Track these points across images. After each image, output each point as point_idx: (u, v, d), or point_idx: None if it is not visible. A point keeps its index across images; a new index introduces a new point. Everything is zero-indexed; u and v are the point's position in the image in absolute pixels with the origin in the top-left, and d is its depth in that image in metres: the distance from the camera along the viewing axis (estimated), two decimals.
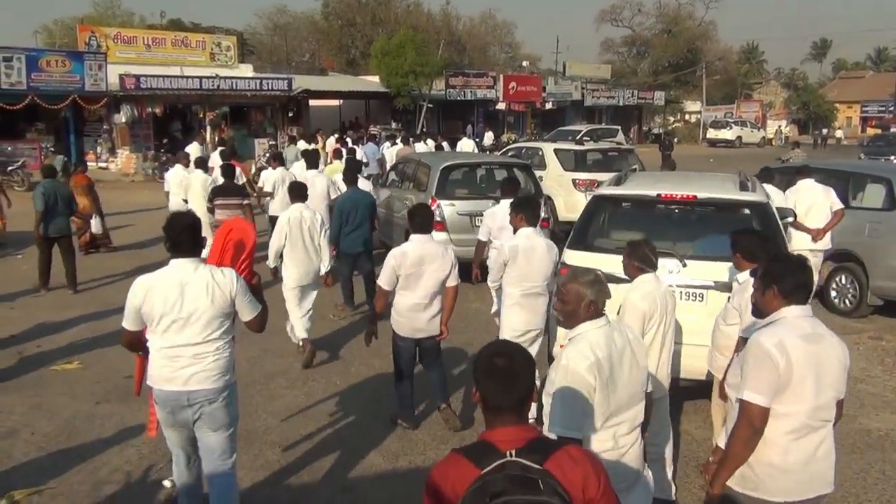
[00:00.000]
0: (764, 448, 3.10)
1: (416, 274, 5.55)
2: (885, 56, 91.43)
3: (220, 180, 10.40)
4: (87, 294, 10.09)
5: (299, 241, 7.26)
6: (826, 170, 10.85)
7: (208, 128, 27.97)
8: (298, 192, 7.61)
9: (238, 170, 11.92)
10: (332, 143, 21.19)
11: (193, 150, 15.17)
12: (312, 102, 31.94)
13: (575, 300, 3.17)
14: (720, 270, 5.68)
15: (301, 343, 7.34)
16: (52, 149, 20.73)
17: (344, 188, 9.63)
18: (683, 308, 5.72)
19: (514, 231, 5.90)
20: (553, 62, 56.38)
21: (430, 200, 10.13)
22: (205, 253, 4.12)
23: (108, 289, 10.32)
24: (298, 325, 7.35)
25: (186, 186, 11.32)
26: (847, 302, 9.26)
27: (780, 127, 58.16)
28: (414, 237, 5.66)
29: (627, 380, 3.14)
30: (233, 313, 4.01)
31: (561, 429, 2.88)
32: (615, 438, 3.13)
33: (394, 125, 33.51)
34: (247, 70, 31.19)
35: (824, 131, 52.98)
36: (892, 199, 8.87)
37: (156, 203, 15.53)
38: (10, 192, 14.45)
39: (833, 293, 9.41)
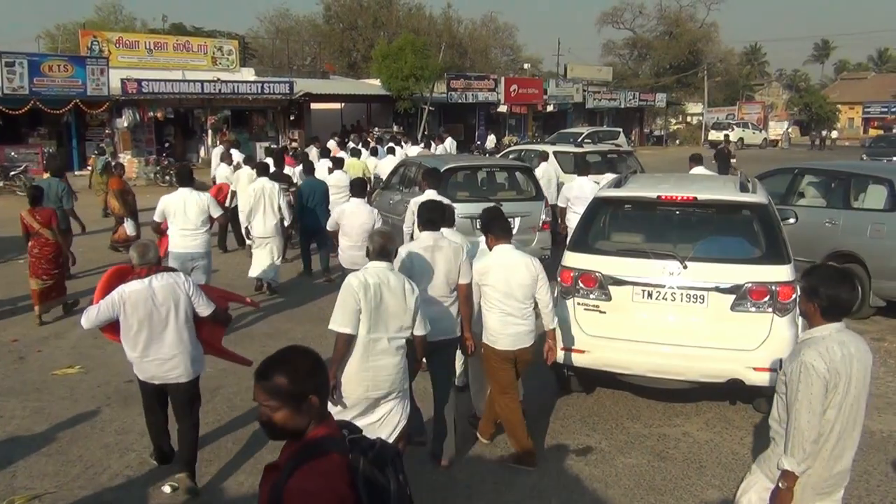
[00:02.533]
0: None
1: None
2: (886, 57, 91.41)
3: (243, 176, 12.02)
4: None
5: (261, 204, 9.90)
6: (828, 171, 10.85)
7: (210, 132, 28.03)
8: (263, 169, 10.89)
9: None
10: (332, 144, 21.20)
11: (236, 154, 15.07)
12: (314, 106, 31.98)
13: None
14: (721, 272, 5.68)
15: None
16: (97, 150, 21.18)
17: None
18: (684, 310, 5.72)
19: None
20: (554, 64, 56.37)
21: None
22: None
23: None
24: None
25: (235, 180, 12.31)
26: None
27: (787, 129, 58.10)
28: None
29: (390, 309, 4.35)
30: (207, 213, 8.36)
31: (333, 324, 4.28)
32: (375, 344, 4.31)
33: (395, 128, 33.56)
34: (248, 74, 31.27)
35: (823, 133, 53.06)
36: (893, 200, 8.84)
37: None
38: (10, 197, 14.48)
39: None
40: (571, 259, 6.14)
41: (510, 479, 5.15)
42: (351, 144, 20.93)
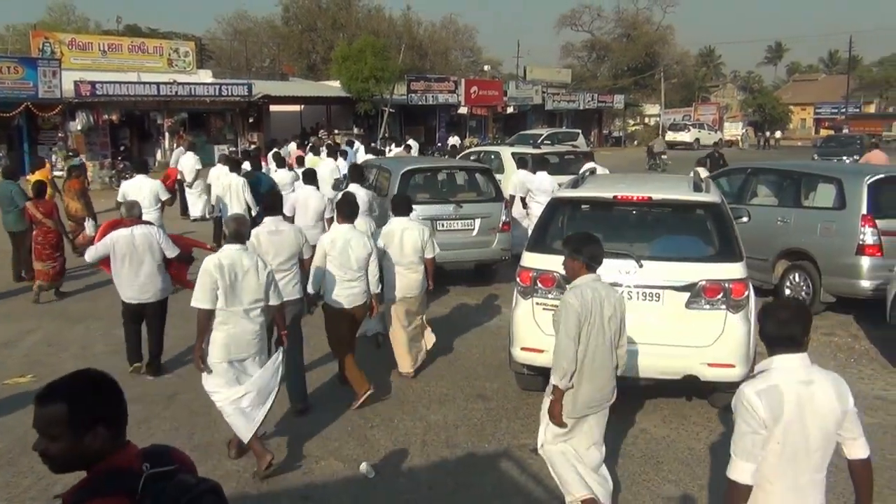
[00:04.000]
0: None
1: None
2: (837, 59, 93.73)
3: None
4: (47, 306, 9.88)
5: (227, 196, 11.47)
6: (780, 170, 11.12)
7: (167, 135, 27.62)
8: (234, 165, 12.66)
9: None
10: (293, 148, 21.09)
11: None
12: (273, 108, 31.72)
13: None
14: (676, 271, 5.78)
15: None
16: (70, 153, 21.31)
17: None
18: (640, 308, 5.80)
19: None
20: (514, 66, 56.72)
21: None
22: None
23: (69, 301, 10.14)
24: None
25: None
26: (801, 299, 9.45)
27: (745, 130, 59.28)
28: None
29: (244, 285, 5.13)
30: (157, 195, 10.49)
31: (194, 302, 5.10)
32: (235, 315, 5.12)
33: (356, 130, 33.43)
34: (206, 76, 30.89)
35: (767, 133, 54.64)
36: (842, 198, 9.07)
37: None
38: None
39: (787, 291, 9.61)
40: (530, 259, 6.20)
41: (470, 481, 5.18)
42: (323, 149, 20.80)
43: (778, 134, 56.65)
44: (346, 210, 6.63)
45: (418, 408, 6.47)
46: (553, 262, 6.04)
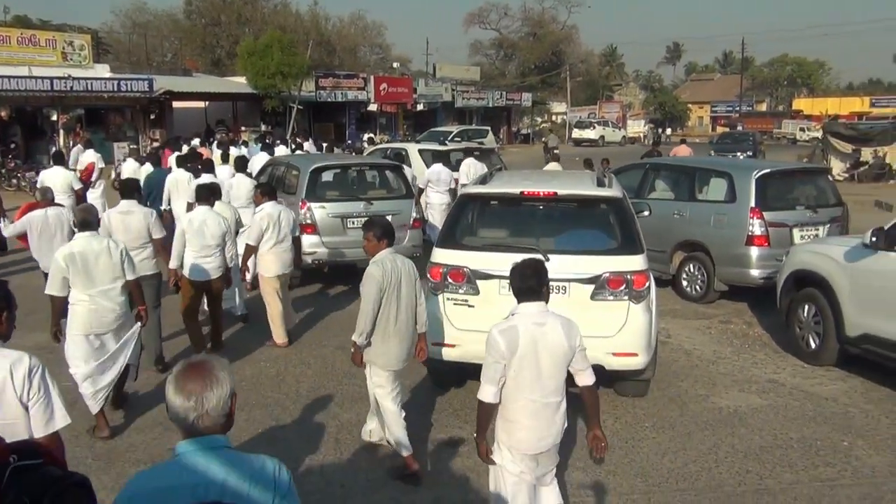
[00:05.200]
0: None
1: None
2: (731, 59, 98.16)
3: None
4: None
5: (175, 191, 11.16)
6: (675, 166, 11.62)
7: (62, 132, 26.35)
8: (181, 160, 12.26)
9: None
10: (196, 145, 20.47)
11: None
12: (176, 104, 30.70)
13: None
14: (581, 264, 5.94)
15: None
16: None
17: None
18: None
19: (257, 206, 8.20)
20: (423, 64, 56.97)
21: (301, 203, 10.00)
22: None
23: None
24: None
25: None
26: (697, 288, 9.92)
27: (650, 127, 61.41)
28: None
29: (98, 267, 5.64)
30: (71, 185, 11.45)
31: (47, 290, 5.66)
32: (93, 296, 5.62)
33: (263, 127, 32.77)
34: (103, 70, 29.56)
35: (658, 130, 57.31)
36: (733, 192, 9.56)
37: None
38: None
39: (684, 281, 10.06)
40: (440, 255, 6.24)
41: (384, 478, 5.19)
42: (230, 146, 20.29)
43: (668, 131, 59.34)
44: (205, 193, 7.55)
45: (331, 406, 6.43)
46: (463, 258, 6.13)
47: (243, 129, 31.67)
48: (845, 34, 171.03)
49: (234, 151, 15.88)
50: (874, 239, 6.65)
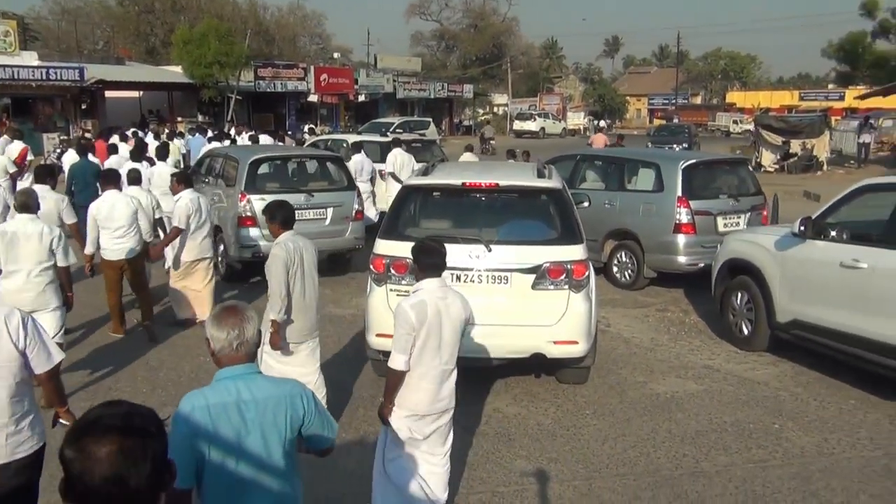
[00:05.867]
0: None
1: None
2: (667, 53, 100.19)
3: None
4: None
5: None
6: (605, 157, 11.93)
7: None
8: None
9: None
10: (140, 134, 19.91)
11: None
12: (109, 94, 29.84)
13: None
14: (522, 254, 6.00)
15: None
16: None
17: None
18: (490, 291, 5.99)
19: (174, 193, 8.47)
20: (365, 54, 56.56)
21: (240, 196, 9.84)
22: None
23: None
24: None
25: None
26: (627, 276, 10.16)
27: (591, 119, 62.13)
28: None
29: (27, 249, 5.94)
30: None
31: None
32: (17, 273, 5.95)
33: (200, 118, 32.09)
34: (31, 58, 28.48)
35: (596, 122, 58.11)
36: (661, 182, 9.85)
37: None
38: None
39: (615, 268, 10.29)
40: (383, 247, 6.23)
41: (331, 465, 5.15)
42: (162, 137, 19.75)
43: (602, 123, 60.28)
44: (112, 178, 8.14)
45: None
46: (406, 249, 6.10)
47: (179, 119, 30.92)
48: (776, 29, 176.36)
49: (177, 143, 15.60)
50: (802, 228, 6.89)
